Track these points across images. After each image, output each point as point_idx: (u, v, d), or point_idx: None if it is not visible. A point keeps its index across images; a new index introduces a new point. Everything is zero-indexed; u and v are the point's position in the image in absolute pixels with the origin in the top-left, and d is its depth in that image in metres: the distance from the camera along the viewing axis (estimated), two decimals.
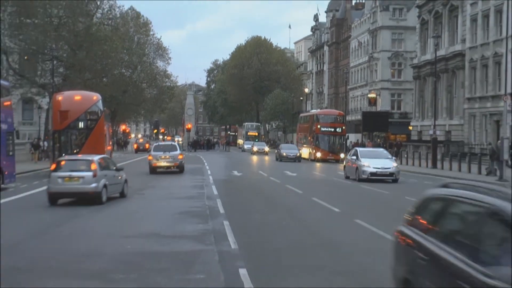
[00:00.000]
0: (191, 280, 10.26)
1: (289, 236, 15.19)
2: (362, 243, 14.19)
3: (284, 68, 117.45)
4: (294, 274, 10.85)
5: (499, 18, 55.06)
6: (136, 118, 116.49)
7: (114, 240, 14.28)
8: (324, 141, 59.04)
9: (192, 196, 24.96)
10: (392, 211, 20.75)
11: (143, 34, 77.83)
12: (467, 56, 60.65)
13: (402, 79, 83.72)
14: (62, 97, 38.04)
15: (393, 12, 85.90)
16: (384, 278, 10.53)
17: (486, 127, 56.56)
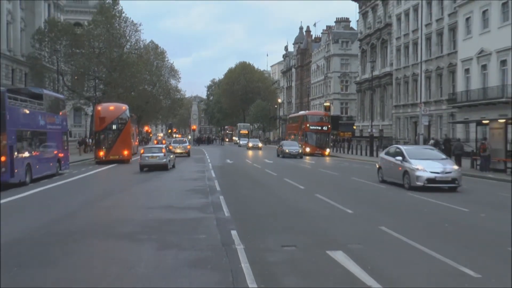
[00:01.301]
0: (196, 239, 10.32)
1: (268, 207, 15.22)
2: (322, 212, 14.33)
3: (263, 85, 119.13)
4: (271, 233, 10.93)
5: (416, 48, 55.88)
6: (155, 121, 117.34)
7: (140, 210, 14.36)
8: (312, 137, 52.24)
9: (197, 178, 24.94)
10: (340, 189, 20.95)
11: (160, 60, 77.65)
12: (394, 75, 61.25)
13: (348, 92, 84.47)
14: (101, 107, 38.90)
15: (341, 44, 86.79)
16: (334, 235, 10.81)
17: (407, 126, 57.36)
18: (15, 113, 20.72)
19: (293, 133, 58.47)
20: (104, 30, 55.33)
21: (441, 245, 9.69)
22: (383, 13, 65.49)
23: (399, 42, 59.78)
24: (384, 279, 7.41)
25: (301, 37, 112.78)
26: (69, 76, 58.42)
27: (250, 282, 7.23)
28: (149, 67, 69.80)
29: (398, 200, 17.32)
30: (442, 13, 50.85)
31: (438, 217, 13.32)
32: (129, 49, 61.86)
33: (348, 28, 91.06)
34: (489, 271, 8.00)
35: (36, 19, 57.90)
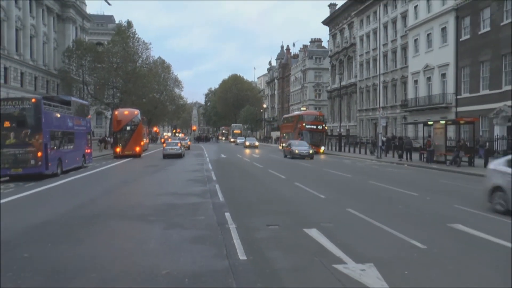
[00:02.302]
0: (196, 220, 10.25)
1: (256, 193, 15.13)
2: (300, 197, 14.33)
3: (251, 93, 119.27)
4: (258, 215, 10.86)
5: (375, 63, 56.00)
6: (163, 123, 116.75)
7: (151, 197, 14.19)
8: (307, 136, 44.82)
9: (196, 170, 24.70)
10: (315, 178, 20.97)
11: (166, 73, 77.20)
12: (358, 85, 61.30)
13: (321, 98, 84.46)
14: (118, 111, 38.92)
15: (315, 60, 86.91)
16: (309, 216, 10.81)
17: (369, 127, 57.37)
18: (49, 117, 20.61)
19: (288, 133, 51.48)
20: (121, 48, 55.25)
21: (395, 223, 9.70)
22: (348, 35, 65.64)
23: (362, 58, 59.98)
24: (350, 251, 7.42)
25: (282, 54, 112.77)
26: (92, 86, 58.24)
27: (240, 255, 7.23)
28: (157, 78, 69.51)
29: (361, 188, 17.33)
30: (395, 35, 51.05)
31: (393, 200, 13.35)
32: (141, 63, 61.60)
33: (321, 46, 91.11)
34: (433, 243, 8.04)
35: (66, 39, 58.16)
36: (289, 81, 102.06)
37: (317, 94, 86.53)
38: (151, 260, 7.02)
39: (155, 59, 72.83)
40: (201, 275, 6.25)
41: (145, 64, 62.98)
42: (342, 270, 6.41)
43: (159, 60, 76.18)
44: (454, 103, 39.16)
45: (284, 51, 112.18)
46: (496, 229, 9.17)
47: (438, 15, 41.38)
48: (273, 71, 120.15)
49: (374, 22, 55.97)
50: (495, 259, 7.16)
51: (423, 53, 44.13)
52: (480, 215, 10.96)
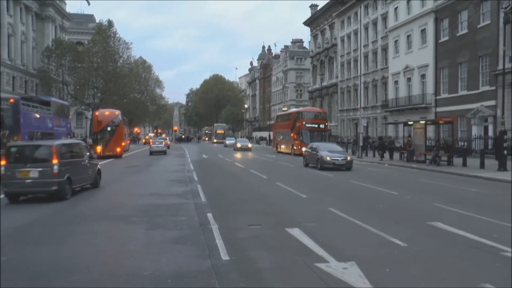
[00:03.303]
0: (178, 220, 10.19)
1: (238, 193, 15.11)
2: (282, 196, 14.36)
3: (233, 93, 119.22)
4: (240, 215, 10.87)
5: (356, 64, 56.49)
6: (144, 124, 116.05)
7: (132, 197, 14.09)
8: (308, 136, 39.79)
9: (178, 170, 24.63)
10: (293, 176, 21.03)
11: (147, 73, 76.89)
12: (339, 86, 61.76)
13: (302, 99, 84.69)
14: (98, 112, 38.63)
15: (296, 60, 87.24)
16: (291, 215, 10.85)
17: (350, 127, 57.91)
18: (28, 117, 20.37)
19: (284, 132, 46.31)
20: (101, 48, 54.78)
21: (376, 222, 9.79)
22: (330, 35, 66.03)
23: (343, 59, 60.44)
24: (332, 249, 7.46)
25: (263, 54, 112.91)
26: (72, 86, 57.58)
27: (223, 255, 7.20)
28: (138, 78, 69.19)
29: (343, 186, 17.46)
30: (376, 36, 51.56)
31: (374, 200, 13.48)
32: (122, 63, 61.18)
33: (302, 47, 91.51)
34: (413, 241, 8.13)
35: (45, 39, 57.33)
36: (271, 81, 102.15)
37: (298, 95, 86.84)
38: (133, 261, 6.98)
39: (136, 59, 72.51)
40: (183, 276, 6.23)
41: (126, 64, 62.55)
42: (325, 269, 6.44)
43: (140, 60, 75.84)
44: (434, 103, 39.73)
45: (265, 51, 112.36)
46: (474, 227, 9.33)
47: (417, 16, 41.93)
48: (254, 72, 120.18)
49: (355, 23, 56.44)
50: (474, 256, 7.28)
51: (403, 54, 44.66)
52: (459, 213, 11.13)
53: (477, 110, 33.76)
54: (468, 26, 35.36)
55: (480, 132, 33.73)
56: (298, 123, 41.44)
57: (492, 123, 32.60)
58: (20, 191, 13.28)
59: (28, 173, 12.91)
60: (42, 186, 13.10)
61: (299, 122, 41.52)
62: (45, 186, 13.12)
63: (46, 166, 13.01)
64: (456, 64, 36.71)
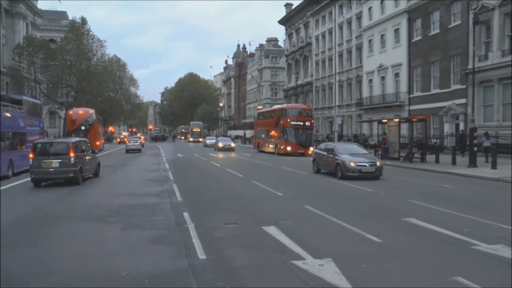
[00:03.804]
0: (154, 220, 10.13)
1: (214, 192, 15.07)
2: (258, 195, 14.38)
3: (208, 92, 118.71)
4: (216, 214, 10.85)
5: (331, 63, 56.89)
6: (118, 123, 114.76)
7: (108, 197, 13.94)
8: (293, 134, 37.77)
9: (153, 169, 24.42)
10: (273, 176, 21.10)
11: (122, 71, 75.87)
12: (314, 84, 62.12)
13: (277, 97, 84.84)
14: (72, 111, 38.14)
15: (271, 59, 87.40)
16: (267, 213, 10.88)
17: (325, 125, 58.29)
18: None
19: (266, 131, 43.34)
20: (75, 46, 53.79)
21: (352, 219, 9.91)
22: (304, 34, 66.35)
23: (318, 57, 60.82)
24: (308, 247, 7.52)
25: (238, 52, 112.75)
26: (45, 85, 56.29)
27: (200, 254, 7.20)
28: (112, 77, 68.17)
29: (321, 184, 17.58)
30: (350, 35, 52.04)
31: (349, 197, 13.64)
32: (96, 61, 60.18)
33: (277, 46, 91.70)
34: (388, 237, 8.28)
35: (16, 36, 55.85)
36: (246, 80, 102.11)
37: (273, 93, 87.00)
38: (110, 262, 6.92)
39: (110, 57, 71.54)
40: (161, 276, 6.21)
41: (100, 62, 61.56)
42: (301, 266, 6.50)
43: (115, 58, 74.80)
44: (407, 101, 40.36)
45: (240, 50, 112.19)
46: (447, 222, 9.53)
47: (391, 16, 42.51)
48: (229, 70, 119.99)
49: (330, 22, 56.88)
50: (446, 251, 7.44)
51: (377, 53, 45.21)
52: (432, 208, 11.36)
53: (449, 108, 34.46)
54: (440, 26, 36.04)
55: (452, 129, 34.45)
56: (282, 120, 39.02)
57: (463, 121, 33.32)
58: (44, 177, 17.19)
59: (51, 164, 16.87)
60: (61, 174, 17.05)
61: (283, 119, 39.04)
62: (64, 174, 17.06)
63: (65, 158, 16.97)
64: (429, 63, 37.38)
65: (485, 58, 30.97)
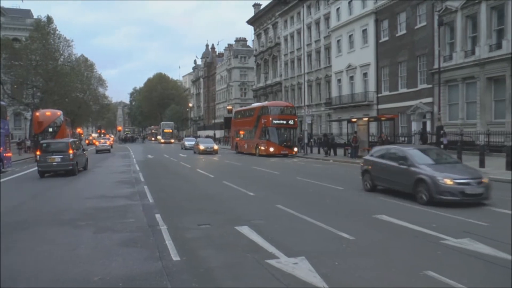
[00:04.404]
0: (126, 223, 10.01)
1: (185, 192, 15.02)
2: (229, 195, 14.38)
3: (177, 92, 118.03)
4: (188, 215, 10.81)
5: (300, 63, 57.30)
6: (87, 124, 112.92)
7: (78, 200, 13.69)
8: (275, 134, 35.56)
9: (123, 171, 24.15)
10: (242, 176, 21.12)
11: (90, 71, 74.66)
12: (283, 84, 62.40)
13: (246, 97, 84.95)
14: (39, 113, 37.19)
15: (240, 59, 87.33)
16: (239, 213, 10.90)
17: None
18: None
19: (245, 130, 40.81)
20: (40, 45, 52.50)
21: (324, 217, 10.03)
22: (273, 34, 66.62)
23: (287, 57, 61.16)
24: (282, 246, 7.58)
25: (207, 52, 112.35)
26: (9, 85, 54.83)
27: (174, 256, 7.17)
28: (80, 77, 66.92)
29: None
30: (319, 35, 52.53)
31: (321, 195, 13.78)
32: (63, 62, 58.96)
33: (246, 46, 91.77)
34: (360, 234, 8.42)
35: None
36: (215, 80, 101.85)
37: (243, 93, 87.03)
38: (82, 266, 6.79)
39: (78, 57, 70.33)
40: (134, 279, 6.15)
41: (67, 62, 60.36)
42: (275, 265, 6.55)
43: (82, 58, 73.57)
44: (375, 101, 41.01)
45: (209, 49, 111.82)
46: (416, 218, 9.76)
47: (359, 17, 43.12)
48: (198, 70, 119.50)
49: (298, 22, 57.29)
50: (417, 246, 7.63)
51: (346, 53, 45.78)
52: (402, 205, 11.60)
53: (416, 107, 35.20)
54: (406, 27, 36.77)
55: (419, 127, 35.19)
56: (264, 119, 36.70)
57: (430, 119, 34.09)
58: (48, 169, 21.71)
59: (54, 159, 21.42)
60: (62, 167, 21.58)
61: (264, 118, 36.67)
62: (64, 167, 21.59)
63: (65, 155, 21.60)
64: (396, 63, 38.09)
65: (450, 58, 31.77)
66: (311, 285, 5.75)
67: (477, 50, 29.73)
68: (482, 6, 29.28)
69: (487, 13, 29.05)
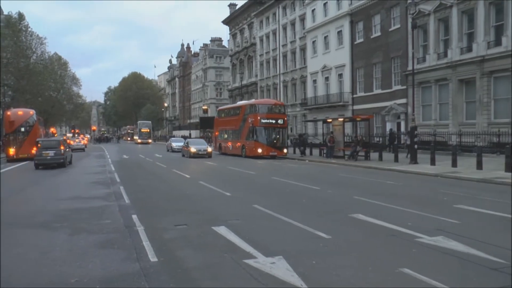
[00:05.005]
0: (102, 224, 9.87)
1: (161, 193, 14.92)
2: (206, 195, 14.35)
3: (152, 91, 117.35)
4: (166, 215, 10.74)
5: (275, 63, 57.56)
6: (60, 124, 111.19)
7: (52, 202, 13.42)
8: (263, 134, 33.33)
9: (99, 172, 23.80)
10: (220, 177, 21.10)
11: (63, 70, 73.47)
12: (258, 84, 62.64)
13: (222, 97, 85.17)
14: (11, 112, 36.34)
15: (215, 59, 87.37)
16: (216, 214, 10.88)
17: None
18: None
19: (229, 130, 38.83)
20: (12, 43, 51.34)
21: (300, 216, 10.09)
22: (249, 35, 66.75)
23: (262, 58, 61.36)
24: (259, 245, 7.60)
25: (182, 52, 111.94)
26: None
27: (151, 257, 7.11)
28: (53, 76, 65.84)
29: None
30: (294, 36, 52.86)
31: (297, 195, 13.86)
32: (36, 60, 57.90)
33: (221, 46, 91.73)
34: (337, 233, 8.50)
35: None
36: (190, 79, 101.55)
37: (218, 93, 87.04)
38: (58, 269, 6.68)
39: (51, 55, 69.14)
40: (112, 280, 6.09)
41: (40, 60, 59.29)
42: (253, 265, 6.56)
43: (55, 56, 72.35)
44: (351, 101, 41.49)
45: (184, 49, 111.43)
46: (391, 217, 9.91)
47: (334, 19, 43.55)
48: (173, 70, 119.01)
49: (274, 23, 57.52)
50: (392, 244, 7.75)
51: (321, 54, 46.17)
52: (378, 204, 11.77)
53: (391, 107, 35.74)
54: (381, 29, 37.33)
55: (393, 128, 35.74)
56: (251, 118, 34.45)
57: (404, 120, 34.67)
58: (44, 162, 25.98)
59: (48, 154, 25.98)
60: (55, 160, 26.09)
61: (251, 117, 34.44)
62: (56, 160, 26.13)
63: (57, 150, 26.36)
64: (371, 65, 38.61)
65: (423, 60, 32.39)
66: (289, 284, 5.79)
67: (449, 52, 30.39)
68: (453, 10, 29.95)
69: (458, 17, 29.72)
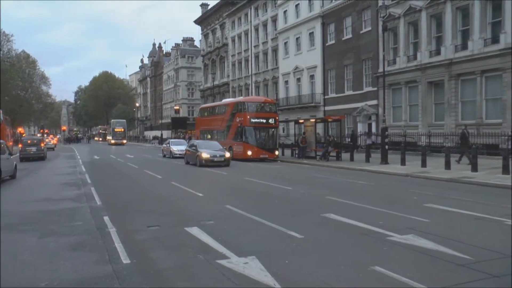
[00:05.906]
0: (73, 226, 9.71)
1: (133, 194, 14.78)
2: (177, 196, 14.29)
3: (123, 91, 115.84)
4: (138, 216, 10.66)
5: (247, 64, 57.77)
6: (29, 123, 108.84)
7: (20, 204, 13.13)
8: (253, 135, 30.37)
9: (69, 172, 23.40)
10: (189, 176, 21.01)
11: (32, 68, 71.86)
12: (230, 85, 62.71)
13: (194, 97, 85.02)
14: None
15: (187, 59, 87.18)
16: (189, 214, 10.85)
17: None
18: None
19: (215, 130, 35.28)
20: None
21: (273, 216, 10.15)
22: (221, 35, 66.70)
23: (234, 58, 61.40)
24: (232, 246, 7.62)
25: (154, 51, 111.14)
26: None
27: (124, 258, 7.05)
28: (21, 74, 64.38)
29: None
30: (266, 37, 53.07)
31: (270, 195, 13.93)
32: (2, 57, 56.44)
33: (193, 46, 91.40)
34: (309, 233, 8.58)
35: None
36: (162, 79, 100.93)
37: (190, 93, 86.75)
38: (27, 273, 6.55)
39: (19, 52, 67.54)
40: (84, 283, 6.01)
41: (6, 58, 57.86)
42: (226, 265, 6.58)
43: (23, 54, 70.68)
44: (322, 102, 41.90)
45: (156, 49, 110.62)
46: (363, 216, 10.07)
47: (306, 20, 43.90)
48: (145, 69, 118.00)
49: (246, 24, 57.61)
50: (364, 243, 7.89)
51: (293, 55, 46.47)
52: (349, 204, 11.94)
53: (362, 108, 36.25)
54: (352, 32, 37.83)
55: (365, 129, 36.28)
56: (239, 117, 31.40)
57: (375, 121, 35.23)
58: (28, 156, 33.57)
59: (31, 149, 33.97)
60: (37, 154, 34.00)
61: (240, 116, 31.34)
62: (38, 154, 34.12)
63: (38, 146, 34.53)
64: (343, 66, 39.08)
65: (394, 62, 32.98)
66: (262, 284, 5.83)
67: (419, 55, 31.04)
68: (422, 14, 30.61)
69: (427, 21, 30.39)
